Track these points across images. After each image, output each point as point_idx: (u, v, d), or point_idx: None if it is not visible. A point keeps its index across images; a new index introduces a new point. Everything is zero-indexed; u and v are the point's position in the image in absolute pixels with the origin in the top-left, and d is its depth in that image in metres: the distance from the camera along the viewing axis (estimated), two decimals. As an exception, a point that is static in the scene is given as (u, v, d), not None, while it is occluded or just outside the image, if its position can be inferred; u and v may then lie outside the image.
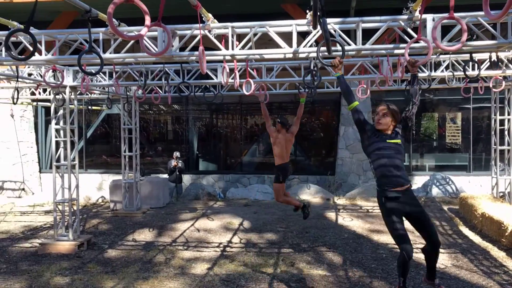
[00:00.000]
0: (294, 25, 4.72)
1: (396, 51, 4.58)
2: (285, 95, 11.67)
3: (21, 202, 12.38)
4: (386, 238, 7.69)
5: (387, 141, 4.15)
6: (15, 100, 6.65)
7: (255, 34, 4.88)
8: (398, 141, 4.19)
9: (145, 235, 8.39)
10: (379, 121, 4.19)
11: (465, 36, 3.80)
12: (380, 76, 6.90)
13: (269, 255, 6.90)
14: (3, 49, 5.01)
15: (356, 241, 7.56)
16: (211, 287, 5.52)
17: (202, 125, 15.26)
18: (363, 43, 4.56)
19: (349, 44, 4.49)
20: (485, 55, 6.98)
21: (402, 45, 4.40)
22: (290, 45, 4.66)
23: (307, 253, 6.95)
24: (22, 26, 4.98)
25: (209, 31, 4.75)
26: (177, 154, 12.36)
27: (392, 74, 6.38)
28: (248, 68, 6.98)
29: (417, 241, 7.43)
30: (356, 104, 4.26)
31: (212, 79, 7.81)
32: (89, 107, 10.76)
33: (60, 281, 5.92)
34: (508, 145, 9.85)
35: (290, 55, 4.71)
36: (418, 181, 12.74)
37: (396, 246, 7.17)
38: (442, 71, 7.59)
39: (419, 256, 6.61)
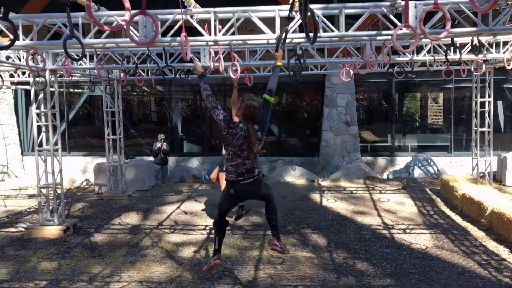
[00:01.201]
0: (277, 11, 4.71)
1: (379, 38, 4.62)
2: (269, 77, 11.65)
3: (5, 186, 12.26)
4: (370, 220, 7.86)
5: None
6: None
7: (237, 19, 4.86)
8: None
9: (131, 219, 8.42)
10: None
11: (449, 25, 3.84)
12: (361, 60, 6.94)
13: (255, 237, 7.00)
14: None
15: (340, 223, 7.71)
16: (198, 270, 5.59)
17: (186, 106, 15.17)
18: (346, 28, 4.57)
19: (332, 31, 4.50)
20: (466, 39, 7.05)
21: (384, 32, 4.43)
22: (274, 31, 4.65)
23: (292, 235, 7.07)
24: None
25: (191, 16, 4.71)
26: (161, 136, 12.31)
27: (376, 58, 6.41)
28: (232, 52, 6.95)
29: (399, 222, 7.63)
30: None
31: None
32: (70, 90, 10.61)
33: (47, 266, 5.94)
34: (489, 127, 10.06)
35: (274, 41, 4.70)
36: (400, 162, 12.95)
37: (379, 227, 7.37)
38: (424, 55, 7.66)
39: (402, 237, 6.80)
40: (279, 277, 5.36)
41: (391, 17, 4.44)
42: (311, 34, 3.85)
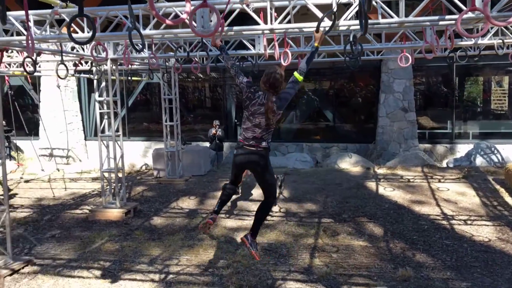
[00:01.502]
0: (335, -4, 4.59)
1: (442, 23, 4.40)
2: (324, 63, 11.46)
3: (70, 169, 12.93)
4: (428, 209, 7.63)
5: None
6: (63, 76, 6.88)
7: (294, 7, 4.79)
8: None
9: (188, 203, 8.65)
10: None
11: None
12: (426, 44, 6.64)
13: (309, 225, 7.00)
14: (48, 27, 5.15)
15: (397, 212, 7.54)
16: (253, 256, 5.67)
17: (240, 92, 15.27)
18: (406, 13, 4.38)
19: (391, 17, 4.34)
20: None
21: (448, 17, 4.20)
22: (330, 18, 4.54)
23: (348, 223, 7.01)
24: (64, 4, 5.09)
25: (247, 5, 4.69)
26: (216, 122, 12.49)
27: (438, 43, 6.13)
28: (286, 38, 6.89)
29: (460, 212, 7.35)
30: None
31: (249, 49, 7.76)
32: (129, 78, 10.97)
33: (110, 247, 6.24)
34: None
35: (327, 27, 4.60)
36: (461, 150, 12.43)
37: (438, 218, 7.15)
38: (490, 38, 7.23)
39: (462, 228, 6.56)
40: (335, 266, 5.34)
41: (455, 0, 4.21)
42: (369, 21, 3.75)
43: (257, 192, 9.20)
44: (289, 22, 4.85)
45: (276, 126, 4.44)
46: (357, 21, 4.26)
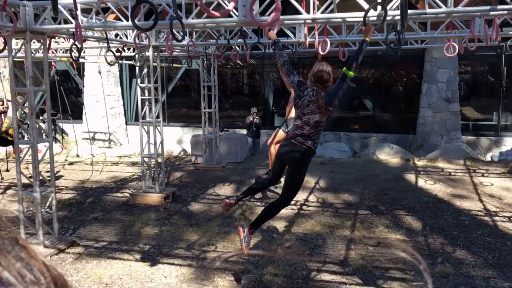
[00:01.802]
0: (380, -15, 4.47)
1: (493, 13, 4.22)
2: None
3: (111, 153, 13.30)
4: (469, 204, 7.42)
5: None
6: (111, 63, 7.10)
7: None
8: None
9: (225, 190, 8.75)
10: None
11: None
12: (470, 34, 6.41)
13: (345, 216, 6.96)
14: (93, 15, 5.28)
15: (436, 206, 7.37)
16: (289, 246, 5.72)
17: (277, 79, 15.21)
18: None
19: (439, 6, 4.20)
20: None
21: (500, 7, 4.03)
22: (375, 9, 4.44)
23: (385, 216, 6.91)
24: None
25: (290, -6, 4.65)
26: (254, 109, 12.52)
27: (487, 33, 5.90)
28: (327, 26, 6.80)
29: (504, 209, 7.13)
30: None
31: (290, 37, 7.70)
32: (171, 65, 11.12)
33: (149, 231, 6.41)
34: None
35: (374, 18, 4.50)
36: (507, 143, 11.97)
37: (480, 213, 6.95)
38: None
39: (506, 225, 6.36)
40: (371, 258, 5.30)
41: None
42: (411, 11, 3.64)
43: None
44: (331, 11, 4.77)
45: (325, 126, 4.37)
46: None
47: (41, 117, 11.71)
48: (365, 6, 4.42)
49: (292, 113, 7.55)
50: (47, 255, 5.35)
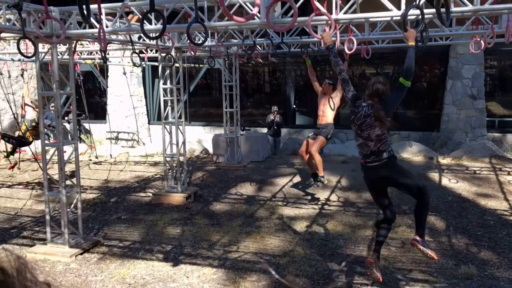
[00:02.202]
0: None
1: (520, 10, 4.15)
2: (388, 49, 11.11)
3: (134, 152, 13.50)
4: (495, 203, 7.29)
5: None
6: (137, 64, 7.29)
7: (359, -4, 4.68)
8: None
9: (246, 189, 8.80)
10: None
11: None
12: (496, 31, 6.28)
13: (368, 215, 6.92)
14: (118, 19, 5.37)
15: (460, 205, 7.27)
16: (310, 246, 5.72)
17: (299, 77, 15.16)
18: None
19: (465, 4, 4.14)
20: None
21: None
22: (398, 7, 4.40)
23: (408, 215, 6.83)
24: None
25: (311, -5, 4.63)
26: (275, 108, 12.53)
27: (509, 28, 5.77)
28: (350, 25, 6.74)
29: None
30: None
31: (311, 35, 7.67)
32: (195, 65, 11.21)
33: (172, 231, 6.50)
34: None
35: (398, 18, 4.46)
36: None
37: (505, 213, 6.83)
38: None
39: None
40: (393, 259, 5.27)
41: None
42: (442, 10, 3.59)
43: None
44: (354, 11, 4.75)
45: (388, 134, 4.22)
46: (432, 10, 4.09)
47: (66, 118, 11.94)
48: (389, 6, 4.38)
49: (326, 118, 7.57)
50: (72, 254, 5.48)
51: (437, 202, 7.47)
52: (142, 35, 7.70)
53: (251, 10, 4.80)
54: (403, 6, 4.33)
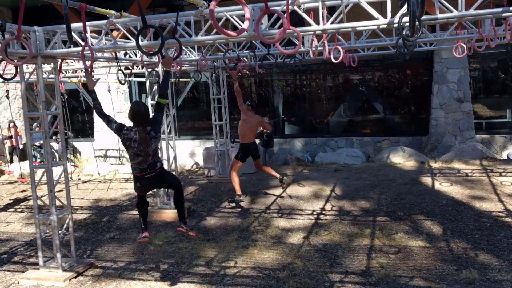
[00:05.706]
0: (389, -7, 4.43)
1: (505, 14, 4.16)
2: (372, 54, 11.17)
3: (124, 169, 13.33)
4: (490, 206, 7.31)
5: None
6: (122, 82, 7.27)
7: (346, 6, 4.67)
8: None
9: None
10: None
11: None
12: (479, 36, 6.35)
13: (364, 223, 6.87)
14: (103, 37, 5.30)
15: (456, 209, 7.26)
16: (309, 257, 5.64)
17: (286, 87, 15.16)
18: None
19: (450, 11, 4.15)
20: None
21: (513, 7, 3.97)
22: (384, 15, 4.39)
23: (404, 221, 6.82)
24: (118, 13, 5.24)
25: (298, 7, 4.62)
26: (265, 118, 12.47)
27: (496, 33, 5.83)
28: (337, 35, 6.76)
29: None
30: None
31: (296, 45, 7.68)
32: (178, 79, 11.14)
33: (168, 249, 6.37)
34: None
35: (385, 26, 4.45)
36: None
37: (501, 215, 6.83)
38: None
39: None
40: (393, 267, 5.21)
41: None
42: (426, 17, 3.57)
43: (307, 190, 9.14)
44: (341, 21, 4.73)
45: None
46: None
47: (53, 137, 11.76)
48: (376, 14, 4.37)
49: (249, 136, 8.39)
50: (66, 278, 5.34)
51: (432, 206, 7.46)
52: (134, 51, 7.70)
53: (238, 24, 4.79)
54: (389, 15, 4.32)
